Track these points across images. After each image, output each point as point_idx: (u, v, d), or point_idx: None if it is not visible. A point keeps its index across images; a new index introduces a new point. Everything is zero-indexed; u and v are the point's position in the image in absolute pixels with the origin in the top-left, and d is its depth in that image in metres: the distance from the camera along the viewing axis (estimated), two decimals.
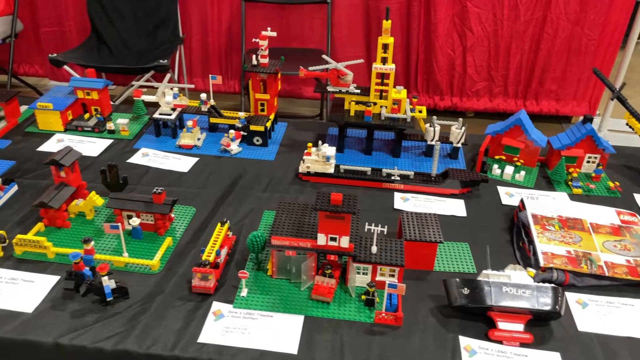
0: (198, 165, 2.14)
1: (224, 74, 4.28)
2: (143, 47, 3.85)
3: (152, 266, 1.59)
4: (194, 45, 4.15)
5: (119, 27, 3.88)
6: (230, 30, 4.09)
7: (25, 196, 1.89)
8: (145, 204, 1.69)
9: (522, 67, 4.04)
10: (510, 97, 4.18)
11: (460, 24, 3.91)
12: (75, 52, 3.64)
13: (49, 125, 2.31)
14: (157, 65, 3.40)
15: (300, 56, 3.76)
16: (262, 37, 2.25)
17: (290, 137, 2.39)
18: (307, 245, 1.50)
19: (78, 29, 4.10)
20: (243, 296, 1.51)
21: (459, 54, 4.01)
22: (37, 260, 1.61)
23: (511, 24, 3.88)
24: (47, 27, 4.15)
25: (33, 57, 4.34)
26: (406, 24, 3.94)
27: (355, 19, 3.97)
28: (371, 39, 4.04)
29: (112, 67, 3.62)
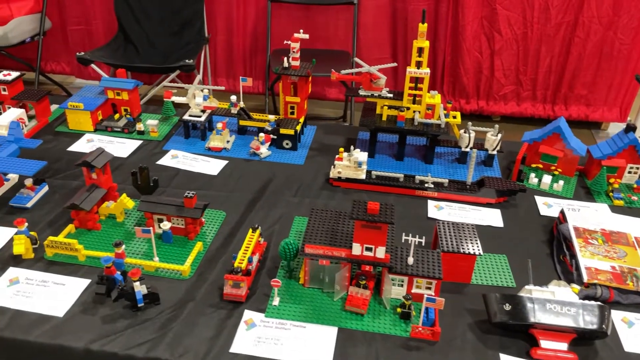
0: (227, 168, 2.12)
1: (248, 74, 4.27)
2: (169, 46, 3.86)
3: (183, 272, 1.57)
4: (219, 45, 4.14)
5: (145, 27, 3.89)
6: (255, 30, 4.07)
7: (55, 197, 1.89)
8: (177, 207, 1.67)
9: (551, 71, 3.95)
10: (539, 102, 4.09)
11: (488, 26, 3.84)
12: (102, 51, 3.66)
13: (79, 125, 2.31)
14: (183, 65, 3.40)
15: (325, 57, 3.72)
16: (294, 40, 2.21)
17: (319, 141, 2.35)
18: (342, 254, 1.46)
19: (105, 28, 4.12)
20: (275, 305, 1.47)
21: (487, 56, 3.93)
22: (68, 263, 1.59)
23: (541, 27, 3.79)
24: (74, 26, 4.18)
25: (60, 55, 4.38)
26: (433, 26, 3.88)
27: (382, 20, 3.92)
28: (397, 40, 3.99)
29: (139, 66, 3.62)
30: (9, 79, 2.30)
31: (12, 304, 1.44)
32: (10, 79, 2.31)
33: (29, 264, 1.58)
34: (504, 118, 4.16)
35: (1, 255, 1.61)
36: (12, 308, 1.43)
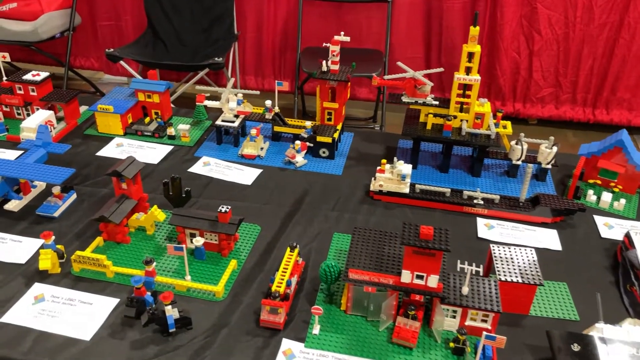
0: (261, 177, 2.01)
1: (277, 73, 4.17)
2: (198, 43, 3.77)
3: (217, 293, 1.46)
4: (248, 43, 4.04)
5: (175, 23, 3.81)
6: (285, 28, 3.96)
7: (84, 205, 1.81)
8: (210, 222, 1.57)
9: (593, 74, 3.75)
10: (579, 105, 3.90)
11: (528, 26, 3.66)
12: (131, 48, 3.59)
13: (108, 129, 2.23)
14: (212, 63, 3.30)
15: (356, 56, 3.58)
16: (334, 42, 2.09)
17: (357, 149, 2.22)
18: (389, 282, 1.33)
19: (134, 24, 4.06)
20: (315, 334, 1.36)
21: (525, 57, 3.76)
22: (96, 279, 1.50)
23: (584, 27, 3.60)
24: (104, 21, 4.13)
25: (89, 51, 4.34)
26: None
27: (415, 19, 3.79)
28: (431, 39, 3.84)
29: (168, 64, 3.54)
30: (38, 79, 2.24)
31: (37, 324, 1.35)
32: (39, 79, 2.24)
33: (55, 279, 1.50)
34: (540, 121, 3.98)
35: (26, 269, 1.53)
36: (36, 329, 1.34)
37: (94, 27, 4.19)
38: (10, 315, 1.37)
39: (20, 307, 1.40)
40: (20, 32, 3.61)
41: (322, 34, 3.90)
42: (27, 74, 2.26)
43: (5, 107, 2.30)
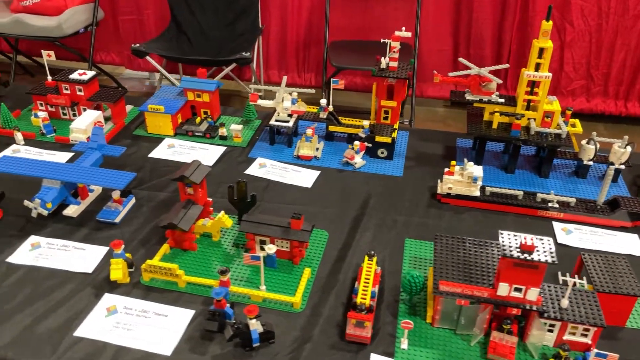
0: (321, 179, 1.94)
1: (301, 66, 4.08)
2: (222, 37, 3.69)
3: (295, 304, 1.40)
4: (272, 37, 3.95)
5: (199, 17, 3.73)
6: (310, 21, 3.87)
7: (143, 210, 1.75)
8: (283, 229, 1.50)
9: (626, 66, 3.64)
10: (610, 98, 3.79)
11: (560, 17, 3.55)
12: (156, 42, 3.50)
13: (158, 129, 2.17)
14: (239, 58, 3.22)
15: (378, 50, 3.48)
16: (395, 38, 2.01)
17: (415, 149, 2.15)
18: (484, 294, 1.26)
19: (156, 18, 3.99)
20: (404, 349, 1.29)
21: (556, 49, 3.64)
22: (167, 289, 1.45)
23: (618, 18, 3.48)
24: (125, 16, 4.06)
25: (110, 45, 4.25)
26: (499, 16, 3.62)
27: (444, 11, 3.68)
28: (460, 32, 3.73)
29: (195, 59, 3.46)
30: (85, 78, 2.18)
31: (113, 338, 1.30)
32: (86, 78, 2.18)
33: (125, 289, 1.45)
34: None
35: (94, 278, 1.48)
36: (114, 344, 1.29)
37: (114, 22, 4.11)
38: (85, 329, 1.32)
39: (94, 320, 1.35)
40: (44, 28, 3.54)
41: (347, 27, 3.81)
42: (73, 73, 2.20)
43: (51, 107, 2.24)
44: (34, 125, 2.20)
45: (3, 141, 2.08)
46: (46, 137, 2.13)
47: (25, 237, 1.61)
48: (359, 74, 3.96)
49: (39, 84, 2.27)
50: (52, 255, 1.54)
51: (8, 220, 1.67)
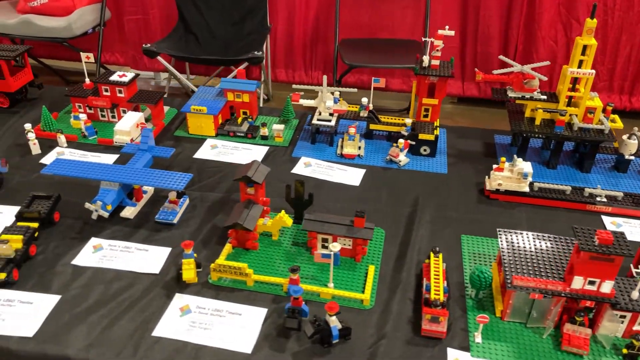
0: (367, 177, 1.96)
1: (307, 65, 4.09)
2: (230, 37, 3.69)
3: (364, 300, 1.42)
4: (279, 35, 3.94)
5: (207, 16, 3.71)
6: (317, 19, 3.88)
7: (197, 211, 1.76)
8: (347, 227, 1.52)
9: (630, 61, 3.68)
10: (615, 93, 3.83)
11: (566, 13, 3.59)
12: (164, 43, 3.48)
13: (200, 130, 2.18)
14: (252, 57, 3.22)
15: (394, 47, 3.54)
16: (438, 37, 2.03)
17: (454, 146, 2.17)
18: (557, 288, 1.29)
19: (161, 18, 3.97)
20: (478, 342, 1.32)
21: (562, 45, 3.68)
22: (236, 288, 1.46)
23: (623, 14, 3.52)
24: (131, 16, 4.03)
25: (114, 46, 4.20)
26: (506, 12, 3.65)
27: (451, 8, 3.70)
28: (467, 29, 3.75)
29: (207, 59, 3.45)
30: (126, 80, 2.18)
31: (192, 337, 1.31)
32: (126, 80, 2.18)
33: (195, 289, 1.46)
34: None
35: (161, 278, 1.49)
36: (193, 343, 1.30)
37: (119, 22, 4.09)
38: (162, 329, 1.34)
39: (169, 320, 1.36)
40: (53, 28, 3.51)
41: (355, 25, 3.82)
42: (112, 75, 2.21)
43: (89, 108, 2.25)
44: (74, 127, 2.20)
45: (45, 144, 2.08)
46: (88, 139, 2.14)
47: (85, 239, 1.62)
48: (366, 72, 3.95)
49: (76, 86, 2.27)
50: (116, 257, 1.55)
51: (66, 222, 1.68)
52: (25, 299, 1.40)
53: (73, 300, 1.41)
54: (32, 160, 2.00)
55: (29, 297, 1.41)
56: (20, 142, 2.11)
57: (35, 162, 1.98)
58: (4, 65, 2.24)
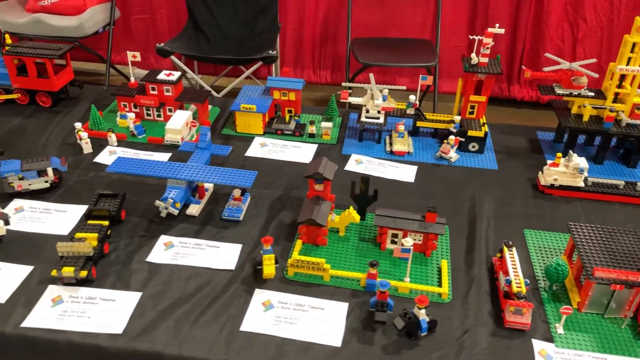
0: (420, 174, 1.98)
1: (316, 64, 4.11)
2: (241, 36, 3.69)
3: (443, 294, 1.44)
4: (289, 34, 3.95)
5: (218, 15, 3.71)
6: (327, 18, 3.90)
7: (259, 208, 1.77)
8: (419, 223, 1.55)
9: None
10: None
11: (573, 12, 3.64)
12: (175, 42, 3.46)
13: (248, 128, 2.19)
14: (266, 57, 3.21)
15: (405, 46, 3.57)
16: (488, 35, 2.05)
17: (499, 143, 2.20)
18: (639, 279, 1.32)
19: (170, 17, 3.97)
20: (560, 334, 1.35)
21: (569, 44, 3.74)
22: (313, 284, 1.48)
23: (629, 13, 3.57)
24: (138, 15, 4.02)
25: (120, 45, 4.15)
26: (514, 11, 3.70)
27: (461, 8, 3.75)
28: (475, 28, 3.79)
29: (222, 58, 3.45)
30: (173, 79, 2.19)
31: (279, 332, 1.33)
32: (174, 79, 2.19)
33: (273, 284, 1.47)
34: None
35: (237, 274, 1.50)
36: (280, 336, 1.32)
37: (126, 21, 4.08)
38: (248, 324, 1.35)
39: (253, 315, 1.37)
40: (65, 27, 3.47)
41: (364, 24, 3.84)
42: (159, 74, 2.21)
43: (135, 107, 2.25)
44: (120, 126, 2.20)
45: (95, 143, 2.08)
46: (137, 138, 2.14)
47: (155, 237, 1.62)
48: (375, 70, 3.96)
49: (121, 85, 2.27)
50: (189, 254, 1.56)
51: (132, 220, 1.69)
52: (108, 297, 1.41)
53: (155, 297, 1.42)
54: (84, 159, 2.00)
55: (111, 294, 1.42)
56: (69, 141, 2.11)
57: (89, 161, 1.98)
58: (48, 64, 2.24)
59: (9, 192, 1.75)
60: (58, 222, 1.66)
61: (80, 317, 1.35)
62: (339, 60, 4.10)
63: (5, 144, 2.05)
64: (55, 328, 1.32)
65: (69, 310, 1.36)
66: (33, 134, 2.14)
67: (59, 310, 1.36)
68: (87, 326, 1.32)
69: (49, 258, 1.52)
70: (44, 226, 1.65)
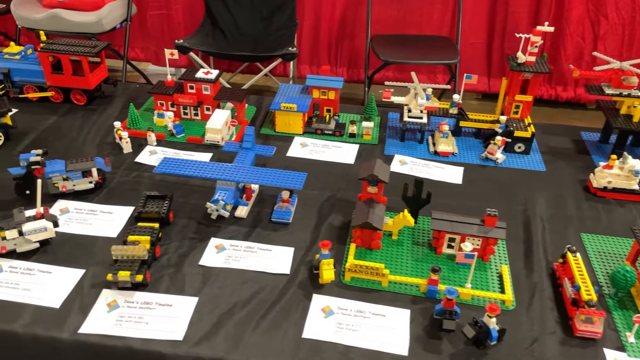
0: (467, 175, 1.94)
1: (332, 61, 4.06)
2: (258, 32, 3.65)
3: (507, 301, 1.40)
4: (305, 31, 3.91)
5: (235, 12, 3.67)
6: (344, 14, 3.86)
7: (307, 210, 1.73)
8: (477, 227, 1.51)
9: None
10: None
11: (594, 10, 3.59)
12: (193, 38, 3.43)
13: (287, 128, 2.16)
14: (285, 54, 3.17)
15: (426, 44, 3.52)
16: (536, 33, 2.00)
17: (543, 143, 2.15)
18: None
19: (185, 13, 3.93)
20: (632, 342, 1.31)
21: (590, 42, 3.69)
22: (372, 289, 1.44)
23: None
24: (154, 11, 3.97)
25: (134, 41, 4.12)
26: (535, 8, 3.65)
27: (480, 4, 3.70)
28: (495, 26, 3.75)
29: (241, 55, 3.40)
30: (212, 77, 2.15)
31: (342, 339, 1.29)
32: (212, 77, 2.15)
33: (330, 289, 1.43)
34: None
35: (292, 278, 1.47)
36: (344, 344, 1.28)
37: (141, 18, 4.03)
38: (310, 330, 1.31)
39: (314, 321, 1.34)
40: (83, 23, 3.43)
41: (382, 21, 3.79)
42: (197, 72, 2.17)
43: (171, 106, 2.21)
44: (158, 125, 2.17)
45: (134, 142, 2.04)
46: (176, 137, 2.10)
47: (205, 239, 1.59)
48: (391, 68, 3.92)
49: (158, 83, 2.24)
50: (242, 257, 1.53)
51: (180, 222, 1.65)
52: (164, 301, 1.38)
53: (211, 302, 1.38)
54: (125, 159, 1.97)
55: (167, 299, 1.38)
56: (107, 140, 2.08)
57: (131, 161, 1.95)
58: (84, 61, 2.21)
59: (53, 192, 1.72)
60: (105, 224, 1.63)
61: (138, 323, 1.31)
62: (356, 57, 4.05)
63: (43, 143, 2.02)
64: (113, 334, 1.29)
65: (125, 316, 1.33)
66: (70, 133, 2.11)
67: (115, 315, 1.33)
68: (146, 332, 1.29)
69: (99, 261, 1.49)
70: (91, 228, 1.61)
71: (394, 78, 4.03)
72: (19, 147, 2.00)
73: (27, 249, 1.50)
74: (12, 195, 1.70)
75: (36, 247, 1.51)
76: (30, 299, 1.37)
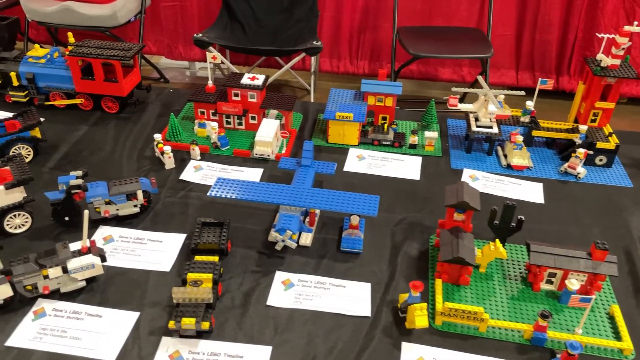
0: (547, 193, 1.75)
1: (354, 54, 3.83)
2: (278, 25, 3.41)
3: (625, 350, 1.22)
4: (325, 22, 3.67)
5: (253, 3, 3.44)
6: (366, 5, 3.62)
7: (375, 236, 1.55)
8: (585, 261, 1.32)
9: None
10: None
11: (630, 0, 3.34)
12: (211, 32, 3.19)
13: (341, 138, 1.97)
14: (310, 48, 2.96)
15: (456, 36, 3.28)
16: (624, 34, 1.80)
17: (625, 154, 1.95)
18: None
19: (199, 5, 3.72)
20: None
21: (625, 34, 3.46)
22: (467, 335, 1.26)
23: None
24: (168, 2, 3.77)
25: (147, 34, 3.88)
26: None
27: None
28: (525, 17, 3.50)
29: (263, 49, 3.17)
30: (259, 83, 1.96)
31: None
32: (259, 83, 1.96)
33: (421, 336, 1.25)
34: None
35: (375, 322, 1.28)
36: None
37: (154, 10, 3.79)
38: None
39: None
40: (97, 17, 3.22)
41: (408, 11, 3.54)
42: (243, 78, 1.98)
43: (213, 114, 2.03)
44: (199, 136, 1.99)
45: (175, 156, 1.85)
46: (221, 150, 1.92)
47: (269, 273, 1.41)
48: (415, 62, 3.68)
49: (198, 89, 2.05)
50: (314, 295, 1.34)
51: (239, 252, 1.47)
52: (234, 352, 1.20)
53: (289, 352, 1.21)
54: (168, 176, 1.78)
55: (237, 349, 1.21)
56: (145, 154, 1.89)
57: (175, 179, 1.77)
58: (118, 66, 2.02)
59: (94, 218, 1.54)
60: (156, 255, 1.45)
61: None
62: (378, 50, 3.82)
63: (77, 159, 1.84)
64: None
65: None
66: (105, 146, 1.93)
67: None
68: None
69: (154, 300, 1.32)
70: (141, 260, 1.44)
71: (418, 72, 3.82)
72: (50, 163, 1.82)
73: (73, 289, 1.32)
74: (48, 221, 1.53)
75: (82, 286, 1.33)
76: (82, 350, 1.20)
